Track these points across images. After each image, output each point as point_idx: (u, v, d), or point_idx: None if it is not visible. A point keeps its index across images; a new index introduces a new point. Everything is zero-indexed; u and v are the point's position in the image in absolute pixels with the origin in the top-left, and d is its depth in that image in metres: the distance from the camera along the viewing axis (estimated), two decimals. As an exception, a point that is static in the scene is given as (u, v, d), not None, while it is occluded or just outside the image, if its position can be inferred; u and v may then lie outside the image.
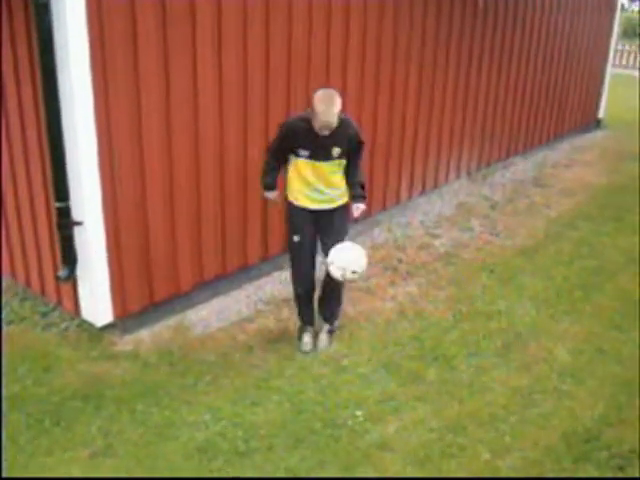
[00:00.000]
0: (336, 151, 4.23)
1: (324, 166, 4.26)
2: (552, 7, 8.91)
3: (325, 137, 4.14)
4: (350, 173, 4.42)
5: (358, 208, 4.47)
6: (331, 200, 4.39)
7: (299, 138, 4.20)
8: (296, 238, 4.47)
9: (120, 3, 4.05)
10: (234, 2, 4.69)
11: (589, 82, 10.86)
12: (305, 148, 4.20)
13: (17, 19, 4.20)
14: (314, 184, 4.30)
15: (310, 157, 4.22)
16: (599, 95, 11.51)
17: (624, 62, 19.95)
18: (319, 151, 4.21)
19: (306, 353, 4.60)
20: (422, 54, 6.68)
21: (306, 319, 4.75)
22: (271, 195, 4.61)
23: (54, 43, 3.90)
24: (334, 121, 4.05)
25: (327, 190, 4.35)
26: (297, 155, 4.25)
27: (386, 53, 6.21)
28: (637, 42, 20.36)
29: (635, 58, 20.03)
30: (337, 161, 4.29)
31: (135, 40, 4.18)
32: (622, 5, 11.79)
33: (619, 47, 19.08)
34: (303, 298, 4.69)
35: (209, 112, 4.76)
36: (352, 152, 4.33)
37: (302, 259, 4.55)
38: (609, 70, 11.53)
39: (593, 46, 10.58)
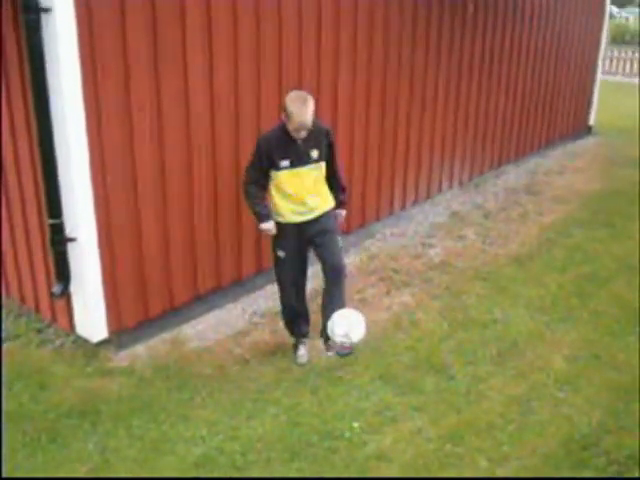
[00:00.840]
0: (315, 153, 4.27)
1: (306, 172, 4.27)
2: (542, 15, 8.98)
3: (302, 141, 4.18)
4: (332, 178, 4.50)
5: (341, 215, 4.67)
6: (314, 209, 4.38)
7: (277, 148, 4.20)
8: (281, 254, 4.47)
9: (110, 18, 4.08)
10: (223, 15, 4.73)
11: (579, 89, 10.93)
12: (285, 157, 4.20)
13: (9, 38, 4.23)
14: (297, 196, 4.29)
15: (291, 165, 4.22)
16: (589, 102, 11.56)
17: (613, 69, 20.06)
18: (299, 157, 4.22)
19: (302, 365, 4.60)
20: (412, 64, 6.72)
21: (303, 330, 4.73)
22: (269, 226, 4.36)
23: (45, 59, 3.92)
24: (309, 120, 4.08)
25: (309, 199, 4.33)
26: (278, 168, 4.22)
27: (377, 64, 6.23)
28: (626, 49, 20.46)
29: (624, 65, 20.13)
30: (316, 164, 4.31)
31: (125, 53, 4.20)
32: (611, 12, 11.87)
33: (608, 54, 19.19)
34: (292, 313, 4.69)
35: (201, 126, 4.78)
36: (329, 154, 4.39)
37: (288, 275, 4.55)
38: (599, 77, 11.61)
39: (583, 53, 10.65)
